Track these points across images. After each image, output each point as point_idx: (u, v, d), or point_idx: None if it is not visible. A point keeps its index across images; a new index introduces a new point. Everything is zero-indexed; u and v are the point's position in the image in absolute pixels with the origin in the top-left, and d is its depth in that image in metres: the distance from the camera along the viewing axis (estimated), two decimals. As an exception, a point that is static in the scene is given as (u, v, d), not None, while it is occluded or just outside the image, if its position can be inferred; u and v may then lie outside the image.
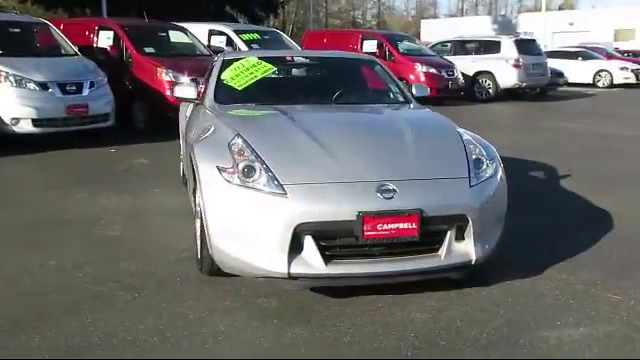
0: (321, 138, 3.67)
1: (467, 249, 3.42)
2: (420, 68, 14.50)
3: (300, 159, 3.45)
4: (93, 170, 7.06)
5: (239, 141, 3.53)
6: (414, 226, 3.25)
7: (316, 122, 4.06)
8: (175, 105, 9.49)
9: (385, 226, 3.22)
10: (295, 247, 3.21)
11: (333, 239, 3.26)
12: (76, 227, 4.79)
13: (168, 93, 9.59)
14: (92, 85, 8.61)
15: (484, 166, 3.66)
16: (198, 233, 3.77)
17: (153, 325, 3.12)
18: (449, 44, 17.55)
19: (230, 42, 12.12)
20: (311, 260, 3.21)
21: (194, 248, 3.90)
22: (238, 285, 3.60)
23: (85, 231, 4.69)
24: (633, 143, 9.54)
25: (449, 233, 3.37)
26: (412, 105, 4.75)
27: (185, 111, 5.62)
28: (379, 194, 3.26)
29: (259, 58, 4.87)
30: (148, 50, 10.13)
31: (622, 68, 21.21)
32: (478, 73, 15.82)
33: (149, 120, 9.92)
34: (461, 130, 4.09)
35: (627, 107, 15.95)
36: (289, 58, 5.01)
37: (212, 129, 3.94)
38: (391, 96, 4.89)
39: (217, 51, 11.23)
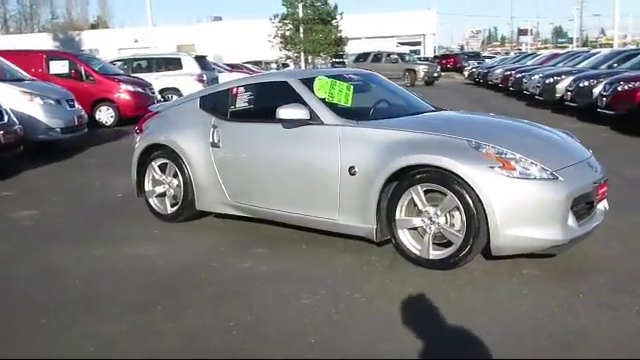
0: (512, 134, 4.54)
1: (603, 207, 4.72)
2: (126, 87, 14.21)
3: (532, 150, 4.22)
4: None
5: (486, 144, 4.11)
6: (606, 189, 4.49)
7: (481, 124, 4.83)
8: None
9: (601, 190, 4.37)
10: (565, 218, 4.07)
11: (576, 206, 4.20)
12: (221, 280, 4.30)
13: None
14: None
15: None
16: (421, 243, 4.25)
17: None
18: (121, 62, 17.32)
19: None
20: (573, 226, 4.12)
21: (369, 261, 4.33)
22: (483, 265, 4.21)
23: (234, 285, 4.29)
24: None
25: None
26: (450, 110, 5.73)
27: (200, 138, 5.29)
28: (591, 168, 4.38)
29: (328, 77, 5.13)
30: None
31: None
32: (164, 90, 16.21)
33: None
34: None
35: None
36: (347, 76, 5.33)
37: (407, 143, 4.27)
38: (428, 104, 5.73)
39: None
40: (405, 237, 4.31)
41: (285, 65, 37.32)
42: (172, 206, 5.61)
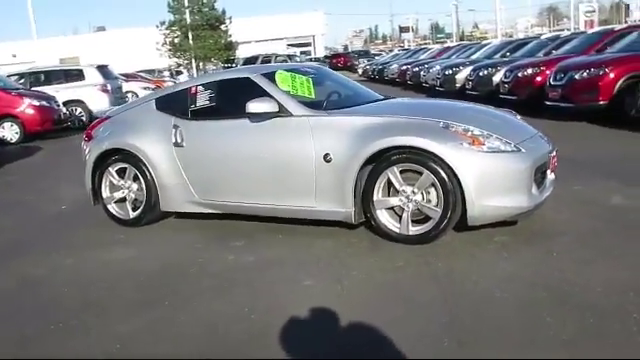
0: (468, 114, 4.89)
1: (552, 177, 5.15)
2: (30, 101, 13.59)
3: (492, 127, 4.57)
4: None
5: (453, 123, 4.42)
6: (556, 159, 4.94)
7: (438, 107, 5.14)
8: None
9: (553, 161, 4.81)
10: (527, 186, 4.45)
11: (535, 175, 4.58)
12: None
13: None
14: None
15: None
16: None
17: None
18: (17, 76, 16.47)
19: None
20: (535, 193, 4.52)
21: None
22: (457, 237, 4.53)
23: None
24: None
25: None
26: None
27: (161, 139, 5.29)
28: (543, 141, 4.81)
29: (286, 70, 5.29)
30: None
31: (145, 88, 23.51)
32: (67, 102, 15.60)
33: None
34: None
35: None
36: (303, 69, 5.48)
37: (379, 127, 4.49)
38: (376, 93, 6.00)
39: None
40: (384, 217, 4.54)
41: (179, 72, 36.71)
42: (134, 210, 5.56)
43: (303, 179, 4.71)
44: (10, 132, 13.48)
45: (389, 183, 4.49)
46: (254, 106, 4.78)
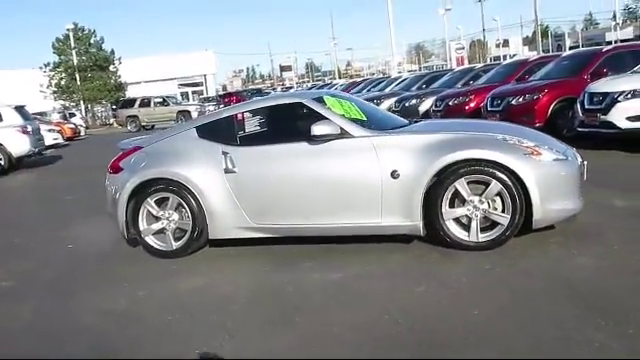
0: (510, 130, 5.36)
1: None
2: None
3: (537, 140, 5.07)
4: None
5: (508, 137, 4.87)
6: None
7: (480, 125, 5.54)
8: None
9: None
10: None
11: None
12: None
13: None
14: None
15: None
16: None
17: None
18: None
19: None
20: (580, 196, 5.05)
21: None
22: (517, 242, 4.93)
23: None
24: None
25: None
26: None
27: (209, 166, 5.31)
28: (573, 150, 5.36)
29: (331, 96, 5.53)
30: None
31: (50, 130, 22.43)
32: (-17, 146, 14.68)
33: None
34: None
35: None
36: (339, 95, 5.72)
37: (444, 143, 4.84)
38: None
39: None
40: (452, 226, 4.85)
41: (72, 115, 35.21)
42: (177, 240, 5.46)
43: (369, 196, 4.92)
44: None
45: (457, 194, 4.81)
46: (318, 129, 4.96)
